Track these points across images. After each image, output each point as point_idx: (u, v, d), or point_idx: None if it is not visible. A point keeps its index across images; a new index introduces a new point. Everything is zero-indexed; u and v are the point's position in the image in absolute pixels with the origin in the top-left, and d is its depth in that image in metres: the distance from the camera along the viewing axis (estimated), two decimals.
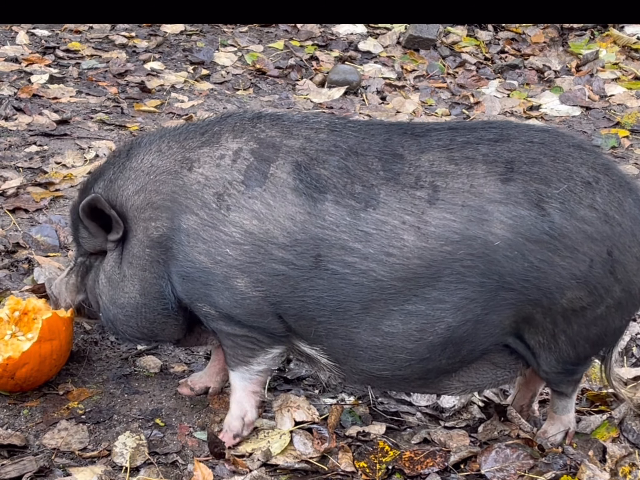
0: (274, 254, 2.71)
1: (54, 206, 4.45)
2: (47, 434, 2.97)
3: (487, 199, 2.65)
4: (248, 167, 2.77)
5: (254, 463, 2.90)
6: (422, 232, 2.65)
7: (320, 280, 2.70)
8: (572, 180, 2.68)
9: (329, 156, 2.76)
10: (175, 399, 3.19)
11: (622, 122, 6.37)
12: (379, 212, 2.67)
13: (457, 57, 7.44)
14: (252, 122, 2.89)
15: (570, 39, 7.82)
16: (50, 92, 5.90)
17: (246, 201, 2.74)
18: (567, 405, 3.05)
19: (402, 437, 3.11)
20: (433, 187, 2.67)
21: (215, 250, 2.76)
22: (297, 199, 2.71)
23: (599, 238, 2.66)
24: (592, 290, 2.69)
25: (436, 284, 2.67)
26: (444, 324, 2.71)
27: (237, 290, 2.77)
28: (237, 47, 7.17)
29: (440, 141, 2.77)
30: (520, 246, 2.63)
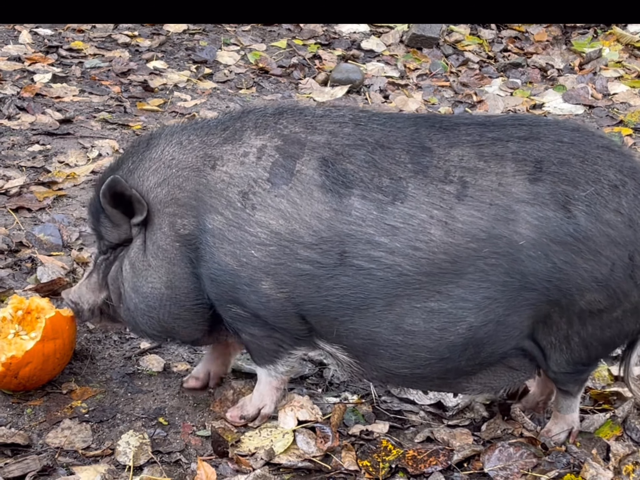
0: (300, 254, 2.70)
1: (57, 205, 4.45)
2: (51, 433, 2.97)
3: (515, 198, 2.64)
4: (273, 164, 2.75)
5: (257, 462, 2.90)
6: (450, 227, 2.63)
7: (345, 277, 2.69)
8: (599, 183, 2.67)
9: (356, 150, 2.73)
10: (179, 398, 3.19)
11: (625, 121, 6.36)
12: (407, 206, 2.65)
13: (460, 55, 7.43)
14: (275, 117, 2.86)
15: (574, 37, 7.80)
16: (53, 91, 5.91)
17: (272, 200, 2.72)
18: (572, 405, 3.05)
19: (405, 436, 3.11)
20: (462, 183, 2.66)
21: (240, 251, 2.75)
22: (323, 196, 2.69)
23: (622, 242, 2.65)
24: (612, 293, 2.68)
25: (460, 282, 2.66)
26: (465, 323, 2.70)
27: (262, 292, 2.76)
28: (240, 46, 7.17)
29: (469, 136, 2.75)
30: (544, 247, 2.62)
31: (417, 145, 2.73)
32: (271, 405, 3.06)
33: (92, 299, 3.10)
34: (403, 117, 2.91)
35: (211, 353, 3.26)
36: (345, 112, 2.87)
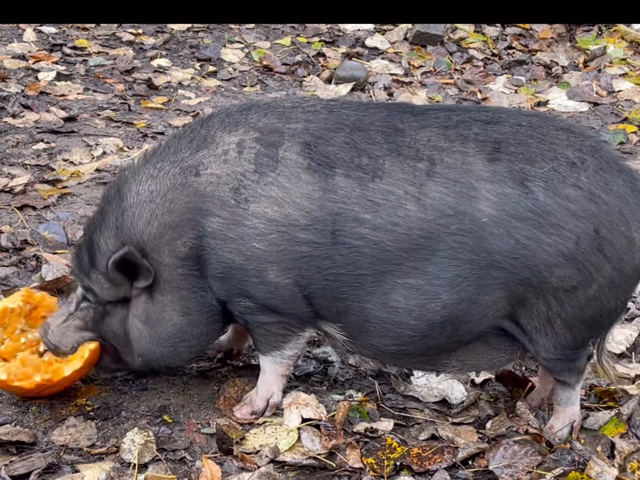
0: (298, 237, 2.77)
1: (62, 203, 4.45)
2: (56, 431, 2.98)
3: (476, 176, 2.74)
4: (257, 155, 2.80)
5: (262, 459, 2.90)
6: (422, 203, 2.74)
7: (339, 256, 2.78)
8: (556, 161, 2.76)
9: (334, 133, 2.82)
10: (183, 396, 3.19)
11: (630, 118, 6.36)
12: (385, 182, 2.75)
13: (464, 53, 7.43)
14: (242, 114, 2.89)
15: (578, 34, 7.80)
16: (58, 90, 5.91)
17: (262, 189, 2.78)
18: (571, 397, 3.06)
19: (409, 434, 3.11)
20: (431, 160, 2.77)
21: (243, 246, 2.80)
22: (310, 177, 2.77)
23: (585, 216, 2.71)
24: (581, 268, 2.73)
25: (433, 258, 2.75)
26: (440, 301, 2.79)
27: (270, 281, 2.83)
28: (244, 44, 7.17)
29: (437, 119, 2.85)
30: (505, 223, 2.70)
31: (390, 126, 2.84)
32: (279, 394, 3.11)
33: (75, 340, 3.05)
34: (375, 104, 3.04)
35: (236, 332, 3.36)
36: (315, 102, 2.96)
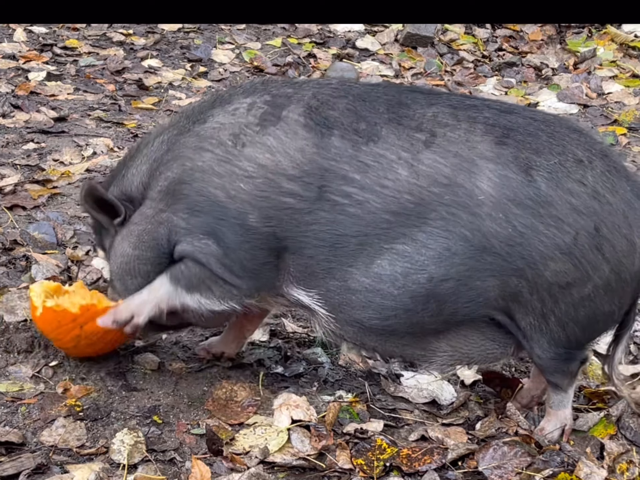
0: (283, 186, 2.83)
1: (52, 203, 4.45)
2: (45, 431, 2.97)
3: (479, 154, 2.77)
4: (263, 113, 2.90)
5: (252, 460, 2.90)
6: (415, 169, 2.77)
7: (322, 212, 2.82)
8: (564, 156, 2.77)
9: (338, 100, 2.90)
10: (173, 397, 3.19)
11: (619, 120, 6.38)
12: (378, 147, 2.80)
13: (454, 54, 7.44)
14: (263, 84, 3.03)
15: (568, 36, 7.82)
16: (48, 90, 5.90)
17: (260, 138, 2.87)
18: (563, 400, 3.06)
19: (399, 435, 3.12)
20: (432, 133, 2.81)
21: (229, 184, 2.87)
22: (307, 134, 2.84)
23: (586, 212, 2.72)
24: (577, 264, 2.73)
25: (422, 226, 2.77)
26: (427, 273, 2.79)
27: (248, 225, 2.86)
28: (235, 45, 7.17)
29: (449, 101, 2.91)
30: (504, 207, 2.72)
31: (396, 100, 2.90)
32: (144, 319, 3.05)
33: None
34: (386, 83, 3.14)
35: (227, 334, 3.39)
36: (331, 80, 3.11)
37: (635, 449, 3.03)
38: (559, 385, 3.02)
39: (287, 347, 3.52)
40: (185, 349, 3.46)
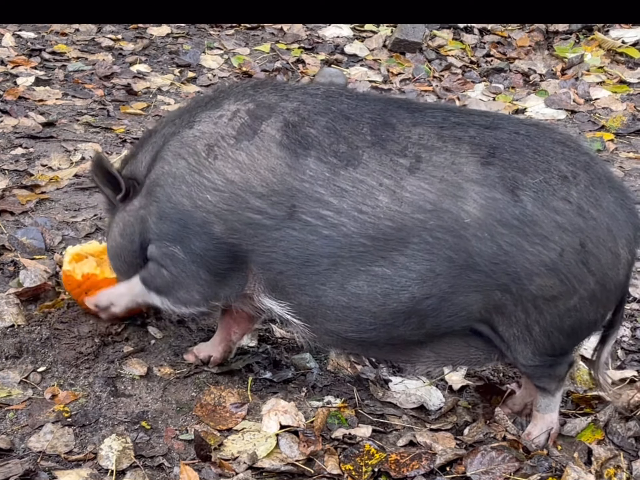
0: (250, 203, 2.85)
1: (40, 209, 4.44)
2: (33, 437, 2.96)
3: (465, 177, 2.75)
4: (242, 125, 2.92)
5: (240, 466, 2.90)
6: (397, 196, 2.76)
7: (292, 230, 2.82)
8: (549, 173, 2.77)
9: (319, 117, 2.88)
10: (162, 402, 3.19)
11: (607, 126, 6.39)
12: (358, 172, 2.79)
13: (443, 60, 7.46)
14: (254, 88, 3.04)
15: (556, 42, 7.84)
16: (36, 95, 5.89)
17: (233, 152, 2.89)
18: (550, 404, 3.07)
19: (388, 440, 3.12)
20: (417, 158, 2.79)
21: (196, 194, 2.91)
22: (280, 153, 2.85)
23: (571, 229, 2.73)
24: (563, 279, 2.75)
25: (404, 250, 2.76)
26: (408, 292, 2.80)
27: (213, 234, 2.91)
28: (224, 50, 7.17)
29: (434, 118, 2.87)
30: (490, 227, 2.72)
31: (380, 120, 2.87)
32: (122, 309, 3.35)
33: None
34: (374, 97, 3.09)
35: (215, 338, 3.41)
36: (320, 87, 3.05)
37: (622, 454, 3.04)
38: (547, 389, 3.04)
39: (275, 352, 3.52)
40: (173, 354, 3.46)
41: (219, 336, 3.39)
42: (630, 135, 6.26)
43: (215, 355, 3.39)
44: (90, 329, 3.44)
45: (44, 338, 3.38)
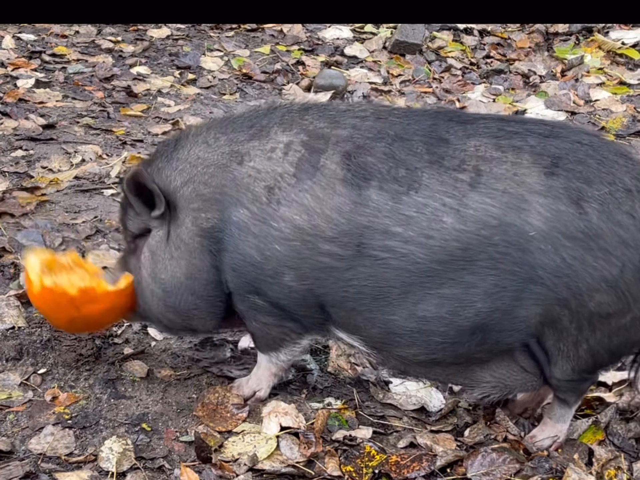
0: (321, 248, 2.76)
1: (40, 211, 4.44)
2: (33, 439, 2.96)
3: (529, 188, 2.67)
4: (299, 160, 2.80)
5: (241, 468, 2.90)
6: (462, 214, 2.68)
7: (362, 268, 2.75)
8: (614, 185, 2.69)
9: (376, 143, 2.79)
10: (162, 404, 3.19)
11: (607, 127, 6.39)
12: (420, 195, 2.70)
13: (442, 62, 7.45)
14: (300, 114, 2.92)
15: (556, 44, 7.83)
16: (37, 97, 5.89)
17: (296, 195, 2.78)
18: (565, 415, 3.06)
19: (388, 441, 3.12)
20: (476, 171, 2.70)
21: (264, 245, 2.82)
22: (344, 190, 2.75)
23: (633, 245, 2.67)
24: (621, 296, 2.69)
25: (470, 268, 2.70)
26: (474, 309, 2.73)
27: (285, 284, 2.83)
28: (224, 52, 7.17)
29: (488, 129, 2.80)
30: (554, 240, 2.65)
31: (434, 136, 2.78)
32: (266, 390, 3.20)
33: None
34: (422, 111, 3.00)
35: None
36: (367, 107, 2.95)
37: (623, 455, 3.04)
38: (567, 401, 3.02)
39: None
40: (173, 356, 3.46)
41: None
42: (630, 137, 6.25)
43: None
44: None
45: (44, 340, 3.39)
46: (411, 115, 2.89)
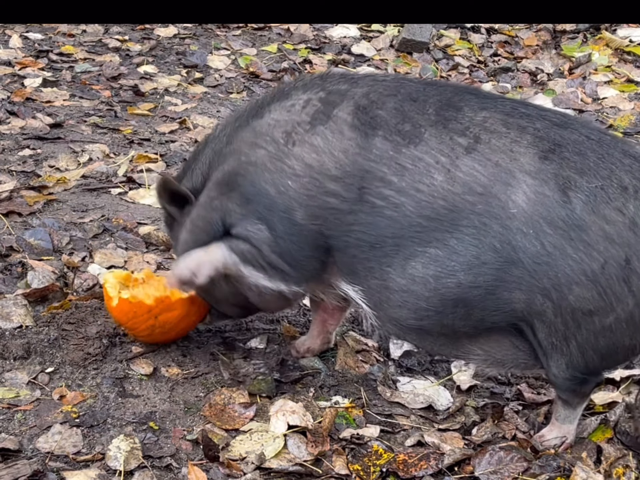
0: (327, 186, 2.89)
1: (48, 210, 4.45)
2: (41, 438, 2.97)
3: (520, 167, 2.72)
4: (316, 111, 2.96)
5: (248, 466, 2.90)
6: (451, 175, 2.76)
7: (362, 214, 2.86)
8: (608, 180, 2.69)
9: (388, 99, 2.91)
10: (169, 402, 3.19)
11: (614, 125, 6.38)
12: (418, 149, 2.80)
13: (450, 60, 7.45)
14: (322, 78, 3.09)
15: (563, 41, 7.83)
16: (44, 96, 5.90)
17: (309, 137, 2.93)
18: (570, 416, 3.05)
19: (395, 440, 3.12)
20: (475, 139, 2.78)
21: (279, 181, 2.95)
22: (352, 134, 2.89)
23: (619, 242, 2.66)
24: (601, 292, 2.68)
25: (455, 233, 2.76)
26: (455, 279, 2.78)
27: (296, 221, 2.95)
28: (231, 51, 7.17)
29: (503, 106, 2.87)
30: (535, 224, 2.68)
31: (447, 102, 2.89)
32: (204, 277, 3.13)
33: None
34: (444, 83, 3.15)
35: (312, 330, 3.53)
36: (389, 75, 3.19)
37: (631, 453, 3.03)
38: (568, 402, 3.01)
39: (283, 352, 3.52)
40: (181, 354, 3.46)
41: (316, 329, 3.50)
42: (638, 135, 6.24)
43: (313, 346, 3.51)
44: (98, 330, 3.44)
45: (52, 339, 3.39)
46: (432, 84, 3.03)
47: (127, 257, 4.05)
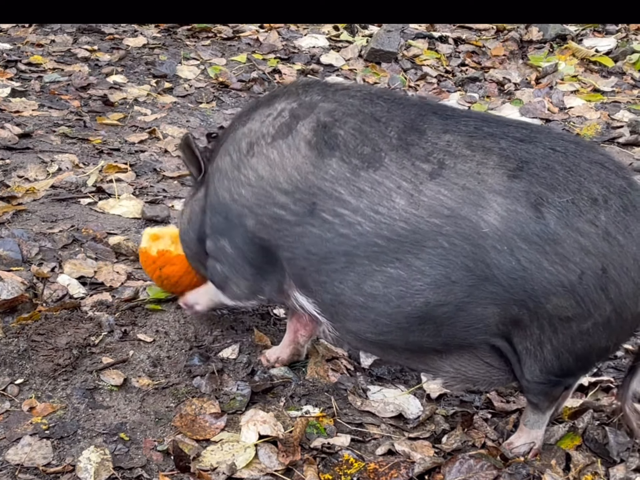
0: (277, 198, 2.95)
1: (17, 220, 4.42)
2: (11, 450, 2.95)
3: (489, 188, 2.71)
4: (282, 124, 3.01)
5: (219, 477, 2.90)
6: (414, 199, 2.75)
7: (312, 227, 2.88)
8: (578, 194, 2.70)
9: (350, 119, 2.92)
10: (140, 413, 3.18)
11: (581, 134, 6.44)
12: (377, 174, 2.81)
13: (418, 70, 7.49)
14: (305, 87, 3.12)
15: (530, 51, 7.89)
16: (12, 106, 5.87)
17: (267, 150, 3.00)
18: (539, 421, 3.07)
19: (366, 449, 3.13)
20: (440, 164, 2.77)
21: (234, 189, 3.07)
22: (308, 152, 2.92)
23: (594, 253, 2.67)
24: (579, 301, 2.70)
25: (419, 254, 2.75)
26: (422, 297, 2.78)
27: (248, 229, 3.05)
28: (200, 61, 7.18)
29: (466, 127, 2.85)
30: (509, 241, 2.67)
31: (410, 125, 2.88)
32: (203, 307, 3.56)
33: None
34: (412, 101, 3.06)
35: (284, 340, 3.56)
36: (362, 88, 3.11)
37: (600, 460, 3.06)
38: (538, 406, 3.03)
39: (254, 362, 3.52)
40: (151, 365, 3.45)
41: (287, 339, 3.53)
42: (604, 144, 6.30)
43: (283, 356, 3.53)
44: (67, 341, 3.44)
45: (21, 350, 3.37)
46: (399, 102, 2.98)
47: (97, 267, 4.03)
